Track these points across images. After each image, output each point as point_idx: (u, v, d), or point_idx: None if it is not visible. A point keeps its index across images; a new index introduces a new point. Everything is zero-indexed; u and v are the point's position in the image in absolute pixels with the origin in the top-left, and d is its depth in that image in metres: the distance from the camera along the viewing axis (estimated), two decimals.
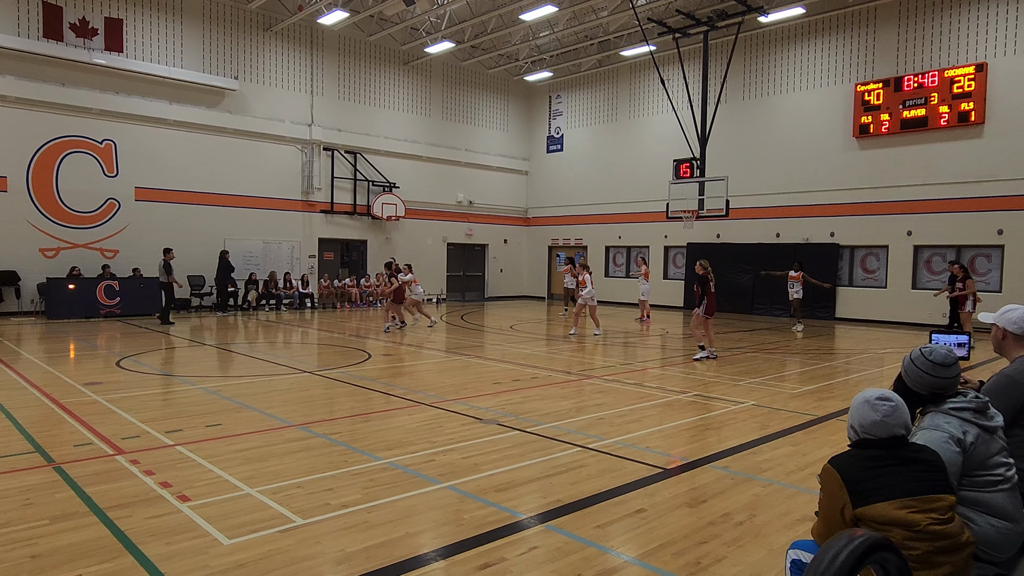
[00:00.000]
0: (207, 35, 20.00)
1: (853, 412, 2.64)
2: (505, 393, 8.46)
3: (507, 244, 28.57)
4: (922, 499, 2.42)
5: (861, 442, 2.61)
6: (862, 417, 2.58)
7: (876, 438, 2.56)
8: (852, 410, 2.65)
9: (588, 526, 4.18)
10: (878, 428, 2.56)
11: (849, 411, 2.67)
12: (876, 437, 2.56)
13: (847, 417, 2.68)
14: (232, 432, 6.31)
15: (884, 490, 2.42)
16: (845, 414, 7.45)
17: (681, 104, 20.24)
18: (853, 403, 2.66)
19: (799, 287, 16.81)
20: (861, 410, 2.60)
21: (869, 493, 2.43)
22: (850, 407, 2.67)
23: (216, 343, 13.22)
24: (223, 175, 20.39)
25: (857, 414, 2.61)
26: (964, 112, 17.51)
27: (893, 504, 2.40)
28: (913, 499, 2.41)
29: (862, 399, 2.62)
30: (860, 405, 2.61)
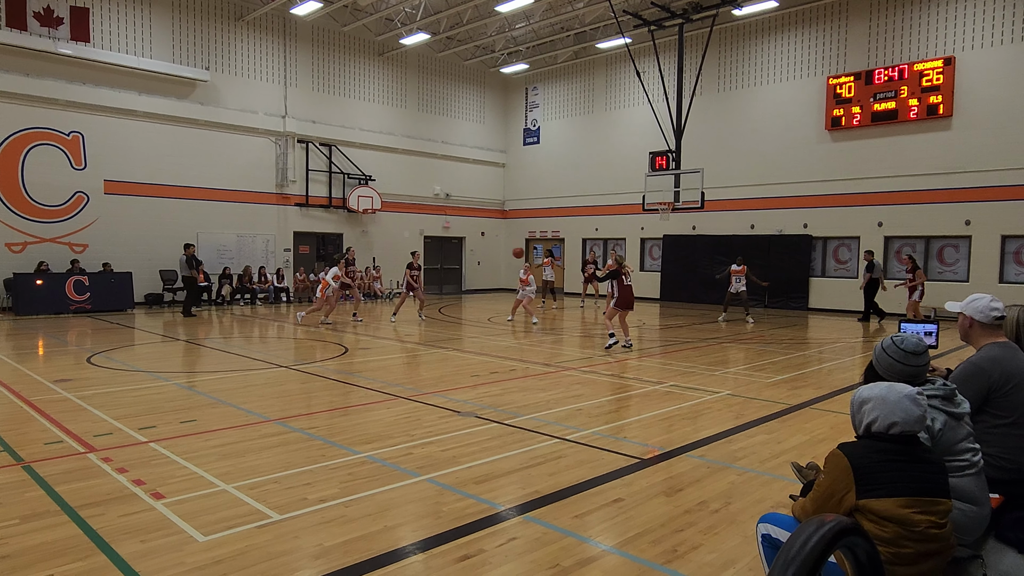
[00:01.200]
0: (176, 25, 19.61)
1: (892, 409, 2.54)
2: (483, 385, 8.47)
3: (484, 237, 28.52)
4: (926, 500, 2.43)
5: (880, 435, 2.56)
6: (906, 413, 2.52)
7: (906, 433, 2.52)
8: (886, 407, 2.55)
9: (566, 516, 4.21)
10: (918, 424, 2.52)
11: (872, 405, 2.58)
12: (910, 432, 2.52)
13: (868, 413, 2.58)
14: (207, 428, 6.24)
15: (892, 485, 2.42)
16: (818, 403, 7.62)
17: (657, 96, 20.33)
18: (883, 400, 2.56)
19: (743, 280, 16.77)
20: (904, 406, 2.52)
21: (877, 486, 2.42)
22: (874, 402, 2.58)
23: (189, 338, 13.03)
24: (195, 168, 20.06)
25: (899, 410, 2.52)
26: (933, 105, 17.83)
27: (899, 501, 2.40)
28: (918, 499, 2.41)
29: (901, 395, 2.55)
30: (901, 400, 2.53)
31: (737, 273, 16.82)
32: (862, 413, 2.62)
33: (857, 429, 2.66)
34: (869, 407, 2.59)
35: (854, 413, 2.67)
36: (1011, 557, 3.16)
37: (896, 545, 2.41)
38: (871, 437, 2.58)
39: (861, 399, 2.64)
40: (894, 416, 2.52)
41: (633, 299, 12.02)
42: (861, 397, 2.64)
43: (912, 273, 15.42)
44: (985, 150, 17.17)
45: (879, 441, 2.55)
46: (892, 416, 2.53)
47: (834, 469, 2.53)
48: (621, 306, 11.81)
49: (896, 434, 2.52)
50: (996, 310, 3.56)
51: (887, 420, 2.53)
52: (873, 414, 2.57)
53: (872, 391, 2.62)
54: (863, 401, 2.62)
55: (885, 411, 2.54)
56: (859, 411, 2.64)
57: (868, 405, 2.60)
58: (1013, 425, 3.40)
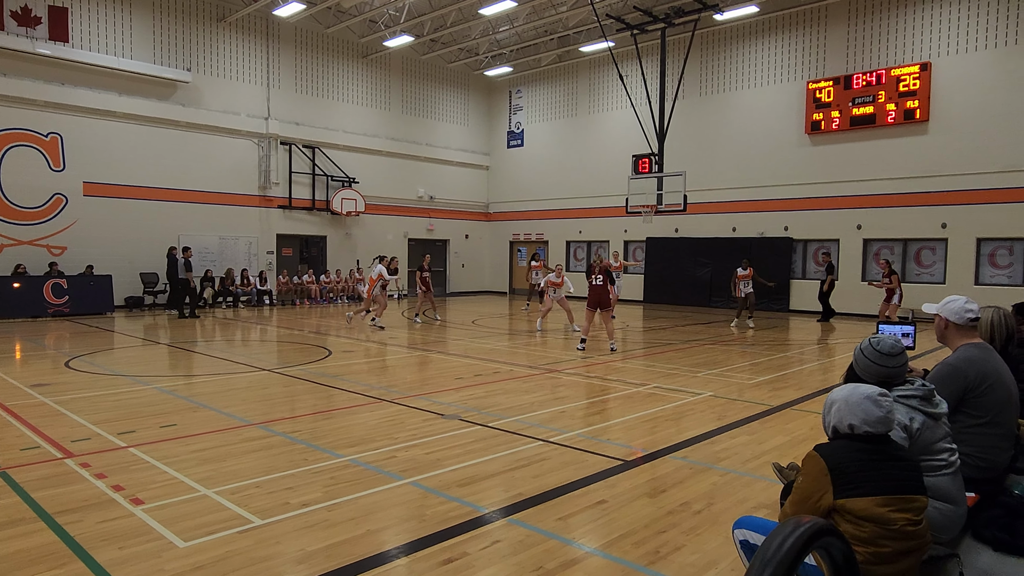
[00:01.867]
0: (157, 25, 19.42)
1: (851, 409, 2.59)
2: (467, 388, 8.46)
3: (468, 239, 28.50)
4: (902, 498, 2.46)
5: (850, 435, 2.59)
6: (866, 413, 2.56)
7: (872, 433, 2.56)
8: (847, 407, 2.60)
9: (550, 519, 4.22)
10: (881, 424, 2.56)
11: (837, 407, 2.63)
12: (876, 432, 2.56)
13: (833, 415, 2.63)
14: (188, 432, 6.17)
15: (869, 485, 2.45)
16: (799, 404, 7.70)
17: (639, 100, 20.46)
18: (846, 401, 2.61)
19: (750, 284, 16.52)
20: (863, 406, 2.57)
21: (854, 485, 2.45)
22: (838, 404, 2.62)
23: (170, 341, 12.89)
24: (177, 169, 19.86)
25: (859, 411, 2.57)
26: (910, 110, 18.11)
27: (875, 500, 2.42)
28: (894, 497, 2.44)
29: (861, 396, 2.60)
30: (862, 401, 2.58)
31: (744, 277, 16.54)
32: (830, 415, 2.67)
33: (827, 430, 2.70)
34: (835, 408, 2.65)
35: (824, 415, 2.72)
36: (987, 555, 3.22)
37: (875, 544, 2.43)
38: (844, 437, 2.62)
39: (830, 401, 2.69)
40: (855, 417, 2.57)
41: (602, 299, 11.98)
42: (830, 399, 2.70)
43: (888, 277, 15.44)
44: (960, 154, 17.46)
45: (852, 441, 2.58)
46: (853, 417, 2.58)
47: (811, 471, 2.55)
48: (588, 305, 12.14)
49: (863, 434, 2.57)
50: (971, 312, 3.63)
51: (849, 421, 2.59)
52: (838, 416, 2.63)
53: (838, 393, 2.68)
54: (831, 403, 2.68)
55: (847, 412, 2.60)
56: (828, 413, 2.69)
57: (834, 407, 2.65)
58: (988, 424, 3.47)
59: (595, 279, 11.95)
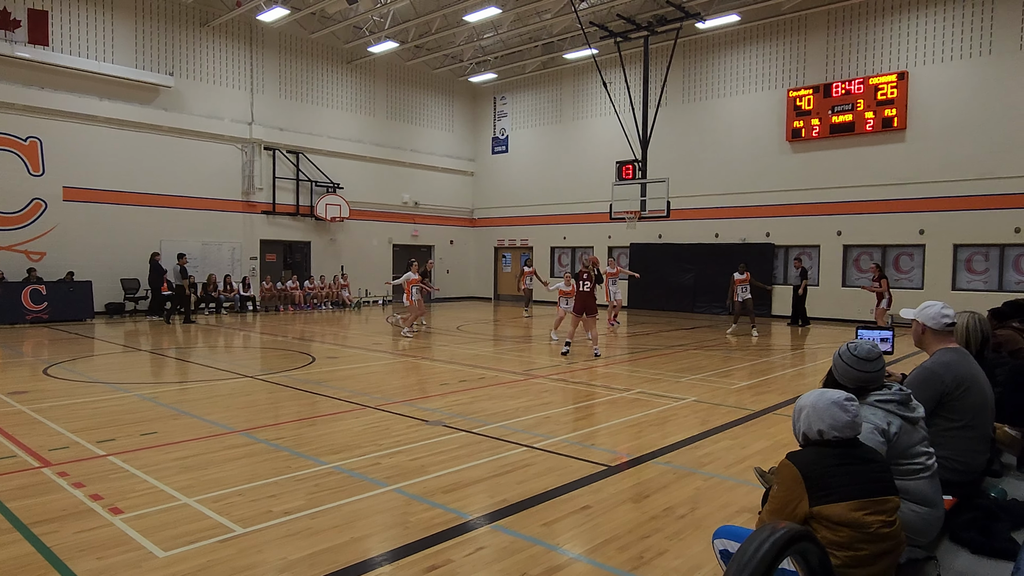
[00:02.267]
0: (140, 29, 19.26)
1: (819, 415, 2.60)
2: (452, 394, 8.44)
3: (453, 245, 28.48)
4: (875, 500, 2.47)
5: (819, 441, 2.61)
6: (833, 418, 2.58)
7: (841, 438, 2.57)
8: (815, 413, 2.62)
9: (535, 525, 4.22)
10: (848, 429, 2.58)
11: (805, 414, 2.64)
12: (844, 437, 2.58)
13: (802, 421, 2.65)
14: (169, 440, 6.11)
15: (842, 490, 2.46)
16: (781, 408, 7.76)
17: (623, 107, 20.60)
18: (813, 407, 2.63)
19: (748, 289, 15.85)
20: (831, 411, 2.59)
21: (828, 492, 2.46)
22: (807, 411, 2.64)
23: (152, 348, 12.75)
24: (158, 174, 19.67)
25: (827, 415, 2.59)
26: (888, 118, 18.39)
27: (850, 505, 2.44)
28: (867, 500, 2.46)
29: (828, 401, 2.61)
30: (828, 407, 2.60)
31: (741, 282, 15.85)
32: (799, 422, 2.69)
33: (797, 437, 2.72)
34: (804, 415, 2.67)
35: (794, 422, 2.74)
36: (965, 557, 3.26)
37: (851, 548, 2.45)
38: (814, 443, 2.64)
39: (799, 407, 2.71)
40: (823, 423, 2.59)
41: (589, 304, 11.93)
42: (799, 406, 2.72)
43: (878, 281, 15.32)
44: (937, 162, 17.74)
45: (823, 447, 2.60)
46: (821, 423, 2.60)
47: (785, 479, 2.56)
48: (575, 310, 12.17)
49: (832, 439, 2.58)
50: (947, 317, 3.69)
51: (817, 427, 2.60)
52: (807, 421, 2.65)
53: (806, 399, 2.70)
54: (800, 409, 2.70)
55: (815, 417, 2.62)
56: (797, 420, 2.71)
57: (803, 414, 2.67)
58: (965, 428, 3.52)
59: (583, 284, 11.97)
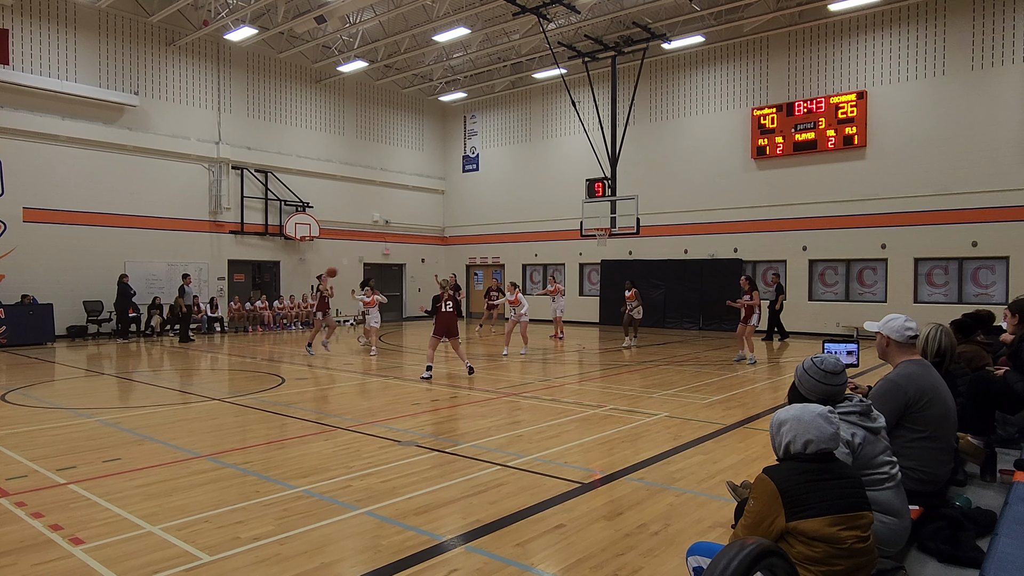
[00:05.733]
0: (104, 48, 19.00)
1: (805, 427, 2.61)
2: (424, 414, 8.37)
3: (424, 263, 28.40)
4: (850, 516, 2.49)
5: (800, 455, 2.62)
6: (819, 431, 2.59)
7: (823, 451, 2.59)
8: (801, 426, 2.62)
9: (508, 545, 4.18)
10: (832, 441, 2.60)
11: (789, 427, 2.65)
12: (828, 449, 2.59)
13: (786, 434, 2.65)
14: (132, 466, 5.94)
15: (818, 505, 2.47)
16: (751, 422, 7.84)
17: (592, 125, 20.84)
18: (799, 420, 2.63)
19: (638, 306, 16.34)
20: (817, 424, 2.60)
21: (804, 507, 2.47)
22: (790, 424, 2.65)
23: (116, 372, 12.43)
24: (123, 194, 19.32)
25: (814, 428, 2.60)
26: (848, 136, 18.91)
27: (826, 520, 2.45)
28: (843, 516, 2.48)
29: (813, 414, 2.62)
30: (815, 419, 2.61)
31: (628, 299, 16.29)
32: (780, 435, 2.70)
33: (777, 451, 2.73)
34: (786, 428, 2.68)
35: (773, 436, 2.75)
36: (932, 566, 3.32)
37: (827, 564, 2.47)
38: (791, 458, 2.65)
39: (779, 421, 2.73)
40: (809, 434, 2.61)
41: (448, 325, 11.51)
42: (779, 419, 2.73)
43: (750, 295, 13.54)
44: (897, 178, 18.26)
45: (800, 462, 2.62)
46: (807, 435, 2.61)
47: (762, 494, 2.57)
48: (437, 333, 11.60)
49: (813, 452, 2.61)
50: (910, 330, 3.78)
51: (803, 439, 2.62)
52: (790, 435, 2.66)
53: (788, 413, 2.71)
54: (780, 423, 2.71)
55: (800, 430, 2.63)
56: (778, 433, 2.72)
57: (785, 427, 2.69)
58: (929, 439, 3.60)
59: (445, 306, 11.51)
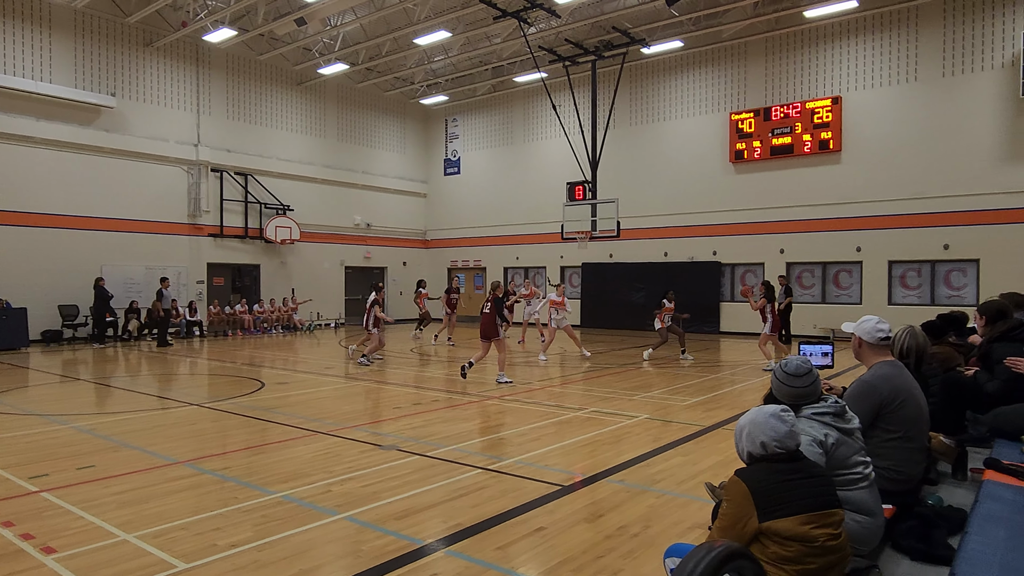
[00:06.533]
0: (80, 49, 18.73)
1: (760, 428, 2.65)
2: (406, 417, 8.35)
3: (406, 266, 28.31)
4: (821, 514, 2.52)
5: (765, 457, 2.64)
6: (773, 430, 2.62)
7: (784, 451, 2.62)
8: (756, 428, 2.66)
9: (489, 548, 4.19)
10: (789, 439, 2.63)
11: (747, 432, 2.68)
12: (786, 449, 2.62)
13: (744, 439, 2.69)
14: (108, 473, 5.86)
15: (790, 505, 2.50)
16: (731, 423, 7.91)
17: (572, 129, 20.94)
18: (753, 423, 2.67)
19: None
20: (770, 424, 2.63)
21: (776, 507, 2.49)
22: (747, 429, 2.69)
23: (92, 377, 12.24)
24: (100, 197, 19.04)
25: (767, 428, 2.63)
26: (824, 140, 19.18)
27: (798, 519, 2.48)
28: (814, 514, 2.50)
29: (766, 415, 2.66)
30: (767, 420, 2.64)
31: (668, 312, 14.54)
32: (742, 441, 2.75)
33: (742, 456, 2.77)
34: (745, 433, 2.73)
35: (736, 442, 2.79)
36: (906, 565, 3.37)
37: (800, 563, 2.50)
38: (758, 460, 2.69)
39: (739, 428, 2.77)
40: (764, 435, 2.65)
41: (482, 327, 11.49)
42: (739, 427, 2.78)
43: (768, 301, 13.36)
44: (871, 182, 18.56)
45: (770, 462, 2.65)
46: (762, 435, 2.66)
47: (735, 496, 2.59)
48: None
49: (774, 453, 2.64)
50: (882, 331, 3.84)
51: (760, 439, 2.66)
52: (749, 439, 2.71)
53: (745, 418, 2.77)
54: (741, 430, 2.76)
55: (757, 432, 2.68)
56: (739, 439, 2.76)
57: (744, 432, 2.73)
58: (902, 439, 3.66)
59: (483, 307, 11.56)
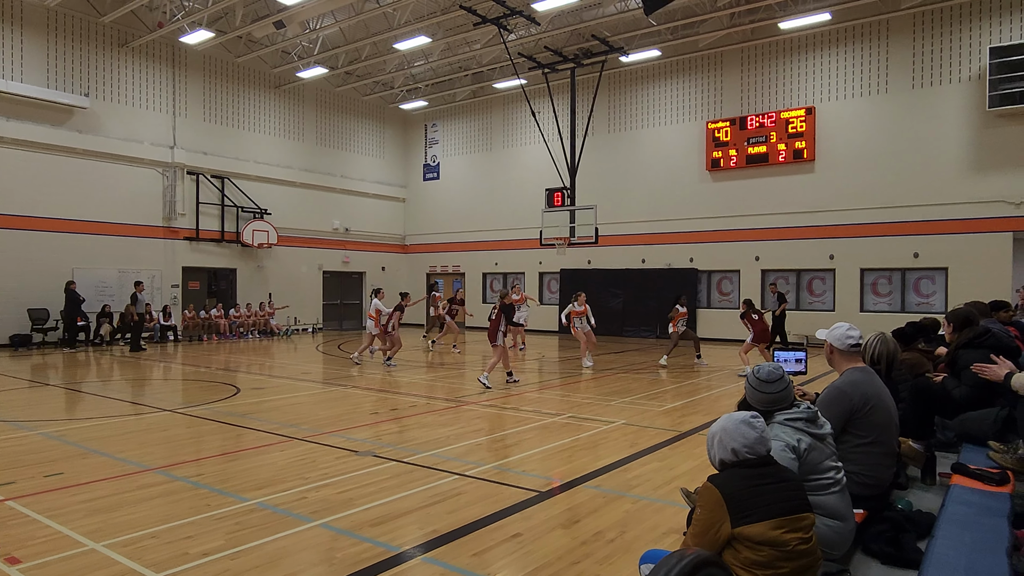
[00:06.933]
0: (52, 48, 18.41)
1: (730, 435, 2.67)
2: (383, 423, 8.30)
3: (385, 271, 28.18)
4: (791, 519, 2.54)
5: (737, 463, 2.66)
6: (744, 437, 2.64)
7: (755, 456, 2.64)
8: (727, 435, 2.68)
9: (465, 555, 4.18)
10: (759, 444, 2.65)
11: (718, 439, 2.70)
12: (756, 455, 2.64)
13: (716, 446, 2.71)
14: (76, 481, 5.74)
15: (761, 510, 2.51)
16: (707, 428, 7.97)
17: (552, 135, 21.01)
18: (724, 430, 2.69)
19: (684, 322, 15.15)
20: (741, 431, 2.65)
21: (748, 512, 2.51)
22: (718, 436, 2.70)
23: (62, 382, 12.00)
24: (72, 199, 18.69)
25: (738, 435, 2.65)
26: (798, 150, 19.50)
27: (769, 524, 2.49)
28: (785, 519, 2.52)
29: (736, 421, 2.68)
30: (738, 426, 2.66)
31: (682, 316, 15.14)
32: (714, 448, 2.77)
33: (714, 463, 2.79)
34: (716, 440, 2.75)
35: (708, 450, 2.81)
36: (876, 569, 3.42)
37: (772, 568, 2.52)
38: (730, 466, 2.71)
39: (711, 435, 2.79)
40: (735, 442, 2.68)
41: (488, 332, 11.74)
42: (711, 434, 2.80)
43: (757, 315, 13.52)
44: (844, 191, 18.89)
45: (742, 468, 2.67)
46: (733, 442, 2.68)
47: (708, 502, 2.61)
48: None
49: (745, 459, 2.67)
50: (851, 338, 3.90)
51: (730, 445, 2.68)
52: (721, 445, 2.73)
53: (717, 425, 2.79)
54: (712, 436, 2.78)
55: (728, 439, 2.70)
56: (711, 446, 2.79)
57: (716, 439, 2.76)
58: (873, 444, 3.71)
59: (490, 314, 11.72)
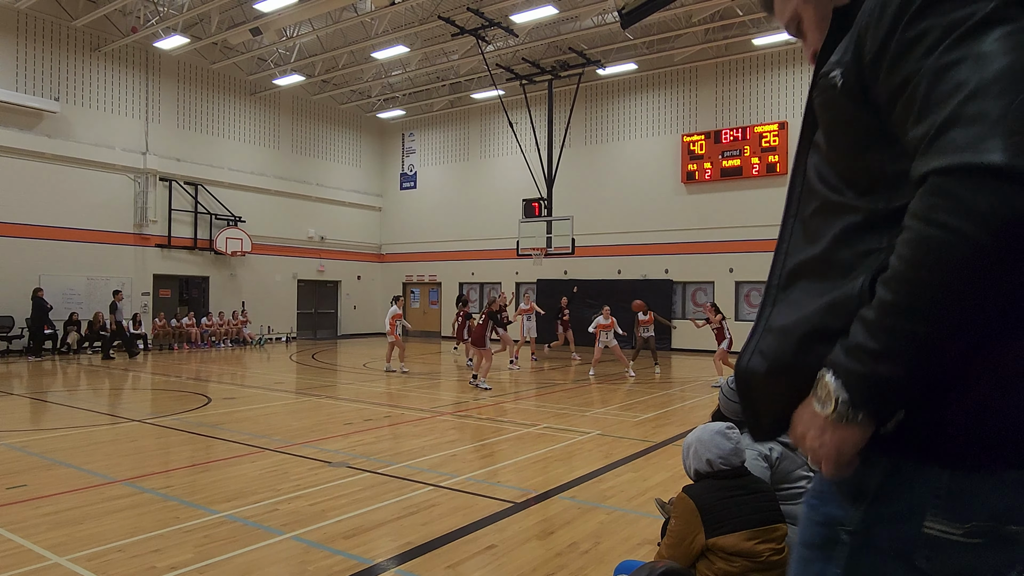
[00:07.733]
0: (22, 51, 18.11)
1: (705, 446, 2.69)
2: (357, 434, 8.24)
3: (360, 280, 28.02)
4: (764, 529, 2.57)
5: (712, 474, 2.69)
6: (719, 447, 2.67)
7: (729, 467, 2.67)
8: (702, 445, 2.70)
9: (439, 567, 4.16)
10: (734, 456, 2.69)
11: (694, 450, 2.73)
12: (731, 466, 2.68)
13: (691, 457, 2.73)
14: (40, 493, 5.61)
15: (735, 520, 2.55)
16: (681, 439, 8.04)
17: (529, 146, 21.17)
18: (699, 440, 2.71)
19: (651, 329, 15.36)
20: (716, 441, 2.68)
21: (721, 523, 2.54)
22: (694, 447, 2.72)
23: (27, 392, 11.72)
24: (40, 205, 18.33)
25: (713, 446, 2.68)
26: (772, 164, 19.84)
27: (743, 535, 2.52)
28: (758, 529, 2.56)
29: (712, 432, 2.71)
30: (713, 437, 2.69)
31: (644, 323, 15.27)
32: (689, 459, 2.81)
33: (689, 473, 2.83)
34: (692, 451, 2.79)
35: (684, 460, 2.85)
36: None
37: None
38: (704, 477, 2.75)
39: (686, 446, 2.84)
40: (710, 453, 2.72)
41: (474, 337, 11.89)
42: (686, 444, 2.84)
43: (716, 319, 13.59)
44: None
45: (716, 479, 2.71)
46: (708, 453, 2.72)
47: (683, 513, 2.64)
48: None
49: (719, 470, 2.71)
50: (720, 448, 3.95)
51: (705, 456, 2.73)
52: (695, 456, 2.77)
53: (691, 437, 2.83)
54: (688, 447, 2.83)
55: (703, 450, 2.74)
56: (687, 457, 2.83)
57: (691, 450, 2.80)
58: None
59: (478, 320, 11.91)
